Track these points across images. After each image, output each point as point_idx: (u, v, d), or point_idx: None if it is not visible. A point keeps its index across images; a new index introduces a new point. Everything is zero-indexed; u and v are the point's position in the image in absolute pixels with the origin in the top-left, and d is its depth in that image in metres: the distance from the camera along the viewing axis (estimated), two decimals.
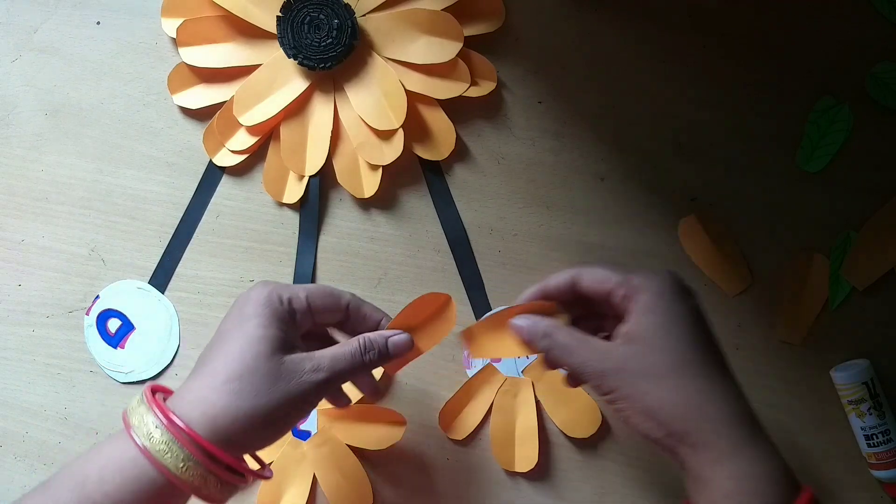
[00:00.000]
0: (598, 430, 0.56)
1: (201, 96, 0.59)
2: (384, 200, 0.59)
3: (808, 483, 0.42)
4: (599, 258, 0.58)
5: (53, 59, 0.61)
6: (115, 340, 0.59)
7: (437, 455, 0.57)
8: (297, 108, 0.58)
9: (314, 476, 0.57)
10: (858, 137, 0.57)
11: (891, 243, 0.56)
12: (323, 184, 0.59)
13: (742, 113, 0.58)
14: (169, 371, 0.59)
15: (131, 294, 0.60)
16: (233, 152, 0.59)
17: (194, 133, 0.60)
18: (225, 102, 0.58)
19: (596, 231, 0.58)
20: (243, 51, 0.58)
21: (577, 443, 0.57)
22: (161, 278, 0.59)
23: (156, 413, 0.40)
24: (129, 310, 0.59)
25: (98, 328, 0.59)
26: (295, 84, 0.58)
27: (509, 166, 0.59)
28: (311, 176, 0.58)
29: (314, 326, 0.47)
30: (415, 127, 0.58)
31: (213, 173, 0.60)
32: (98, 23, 0.61)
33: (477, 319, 0.58)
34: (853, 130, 0.57)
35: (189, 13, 0.58)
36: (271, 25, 0.57)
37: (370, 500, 0.56)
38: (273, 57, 0.58)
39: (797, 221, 0.58)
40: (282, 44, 0.56)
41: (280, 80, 0.57)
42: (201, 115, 0.60)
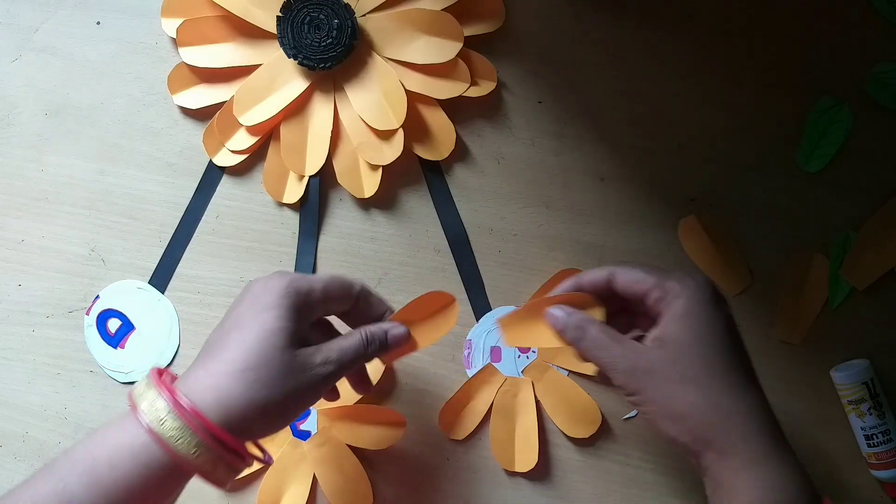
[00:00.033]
0: (598, 430, 0.56)
1: (201, 96, 0.59)
2: (384, 200, 0.59)
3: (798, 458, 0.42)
4: (599, 258, 0.58)
5: (54, 60, 0.61)
6: (116, 340, 0.59)
7: (437, 455, 0.57)
8: (297, 108, 0.58)
9: (314, 476, 0.57)
10: (858, 137, 0.57)
11: (890, 243, 0.56)
12: (323, 184, 0.59)
13: (742, 113, 0.58)
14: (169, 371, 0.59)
15: (131, 294, 0.60)
16: (233, 152, 0.59)
17: (194, 133, 0.60)
18: (225, 102, 0.58)
19: (596, 231, 0.58)
20: (243, 51, 0.58)
21: (577, 443, 0.57)
22: (161, 278, 0.59)
23: (167, 399, 0.40)
24: (130, 310, 0.59)
25: (98, 328, 0.59)
26: (295, 84, 0.58)
27: (509, 166, 0.59)
28: (311, 176, 0.58)
29: (323, 314, 0.48)
30: (415, 127, 0.58)
31: (214, 173, 0.60)
32: (98, 23, 0.61)
33: (477, 319, 0.58)
34: (853, 130, 0.57)
35: (189, 13, 0.58)
36: (271, 25, 0.57)
37: (370, 500, 0.56)
38: (273, 57, 0.58)
39: (797, 221, 0.58)
40: (282, 44, 0.56)
41: (280, 80, 0.58)
42: (201, 115, 0.60)
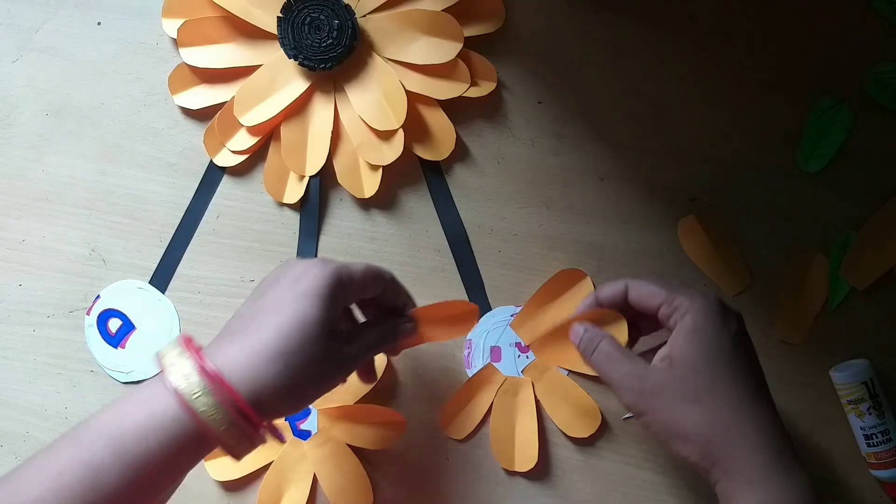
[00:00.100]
0: (598, 430, 0.56)
1: (202, 97, 0.59)
2: (384, 200, 0.59)
3: (810, 474, 0.42)
4: (599, 258, 0.58)
5: (54, 60, 0.61)
6: (116, 340, 0.59)
7: (438, 455, 0.57)
8: (298, 109, 0.58)
9: (314, 476, 0.57)
10: (858, 137, 0.57)
11: (890, 243, 0.56)
12: (323, 184, 0.59)
13: (742, 113, 0.58)
14: None
15: (132, 294, 0.60)
16: (233, 152, 0.59)
17: (195, 133, 0.60)
18: (225, 103, 0.58)
19: (596, 231, 0.58)
20: (244, 51, 0.58)
21: (577, 442, 0.57)
22: (162, 278, 0.60)
23: (201, 373, 0.40)
24: (130, 310, 0.59)
25: (99, 328, 0.59)
26: (295, 84, 0.58)
27: (509, 166, 0.59)
28: (312, 176, 0.58)
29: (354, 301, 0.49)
30: (415, 127, 0.58)
31: (214, 173, 0.60)
32: (99, 23, 0.61)
33: (477, 320, 0.58)
34: (853, 130, 0.57)
35: (190, 14, 0.58)
36: (272, 26, 0.57)
37: (370, 500, 0.56)
38: (273, 57, 0.58)
39: (797, 221, 0.58)
40: (282, 44, 0.56)
41: (280, 81, 0.58)
42: (202, 116, 0.60)
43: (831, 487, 0.56)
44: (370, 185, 0.58)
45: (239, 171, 0.60)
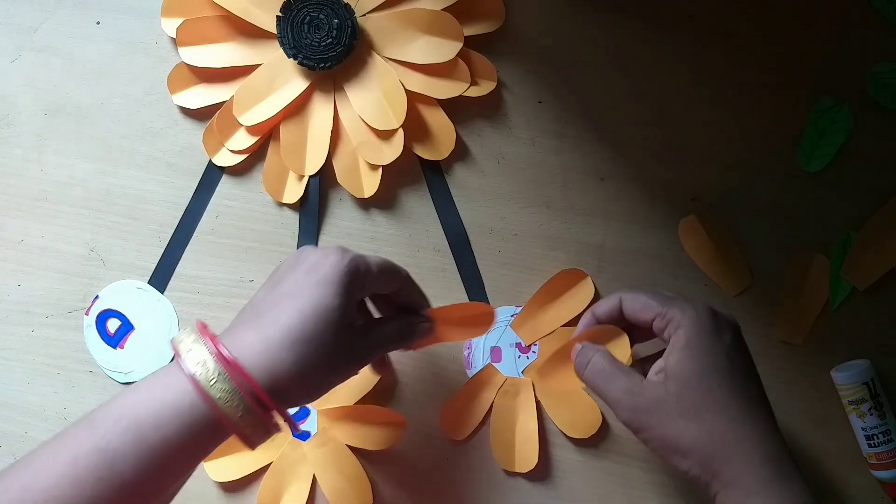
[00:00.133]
0: (599, 431, 0.56)
1: (201, 96, 0.59)
2: (384, 200, 0.59)
3: (808, 482, 0.42)
4: (599, 258, 0.58)
5: (53, 59, 0.61)
6: (115, 340, 0.59)
7: (437, 455, 0.57)
8: (297, 108, 0.58)
9: (314, 477, 0.56)
10: (858, 137, 0.57)
11: (891, 243, 0.56)
12: (323, 184, 0.59)
13: (742, 113, 0.58)
14: None
15: (131, 294, 0.59)
16: (232, 152, 0.59)
17: (194, 133, 0.60)
18: (225, 102, 0.58)
19: (596, 231, 0.58)
20: (243, 51, 0.58)
21: (578, 443, 0.57)
22: (160, 278, 0.59)
23: (218, 360, 0.39)
24: (129, 310, 0.59)
25: (97, 328, 0.59)
26: (295, 84, 0.58)
27: (509, 166, 0.59)
28: (311, 176, 0.58)
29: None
30: (415, 127, 0.58)
31: (213, 173, 0.60)
32: (98, 23, 0.61)
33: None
34: (853, 130, 0.57)
35: (189, 13, 0.58)
36: (271, 25, 0.57)
37: (370, 501, 0.56)
38: (273, 57, 0.58)
39: (797, 221, 0.58)
40: (282, 44, 0.56)
41: (280, 80, 0.57)
42: (201, 115, 0.60)
43: (832, 488, 0.56)
44: (370, 185, 0.58)
45: (238, 171, 0.60)
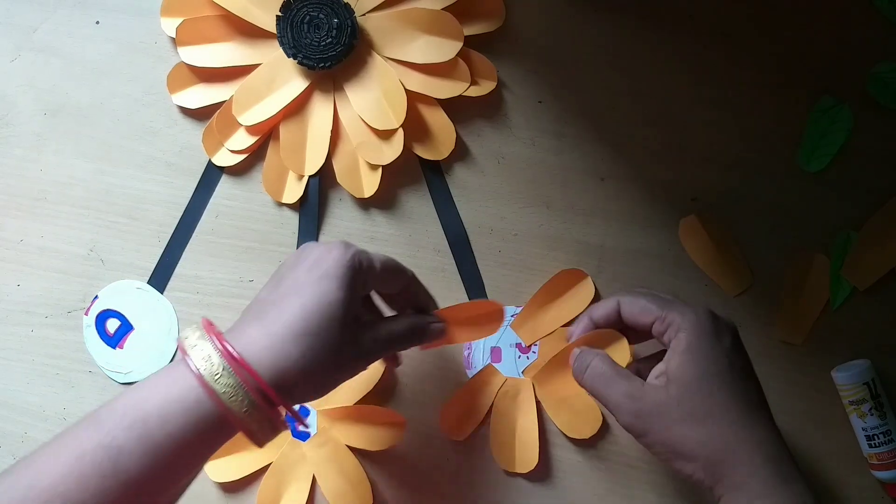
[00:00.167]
0: (599, 431, 0.56)
1: (200, 96, 0.59)
2: (384, 200, 0.59)
3: (809, 483, 0.42)
4: (599, 258, 0.58)
5: (53, 59, 0.61)
6: (114, 341, 0.59)
7: (437, 456, 0.57)
8: (297, 108, 0.58)
9: (314, 477, 0.56)
10: (859, 137, 0.57)
11: (891, 243, 0.56)
12: (322, 184, 0.59)
13: (742, 113, 0.58)
14: None
15: (130, 294, 0.59)
16: (232, 152, 0.59)
17: (193, 133, 0.60)
18: (224, 102, 0.58)
19: (596, 231, 0.58)
20: (243, 50, 0.58)
21: (578, 443, 0.57)
22: (160, 278, 0.59)
23: (223, 355, 0.39)
24: (128, 310, 0.59)
25: (97, 328, 0.59)
26: (294, 84, 0.57)
27: (509, 166, 0.59)
28: (311, 176, 0.58)
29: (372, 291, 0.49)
30: (415, 127, 0.58)
31: (213, 173, 0.60)
32: (97, 22, 0.61)
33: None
34: (854, 130, 0.57)
35: (188, 13, 0.58)
36: (271, 25, 0.57)
37: (370, 501, 0.56)
38: (273, 56, 0.58)
39: (798, 221, 0.57)
40: (281, 43, 0.56)
41: (279, 80, 0.57)
42: (200, 115, 0.60)
43: (832, 488, 0.56)
44: (370, 185, 0.58)
45: (238, 171, 0.60)
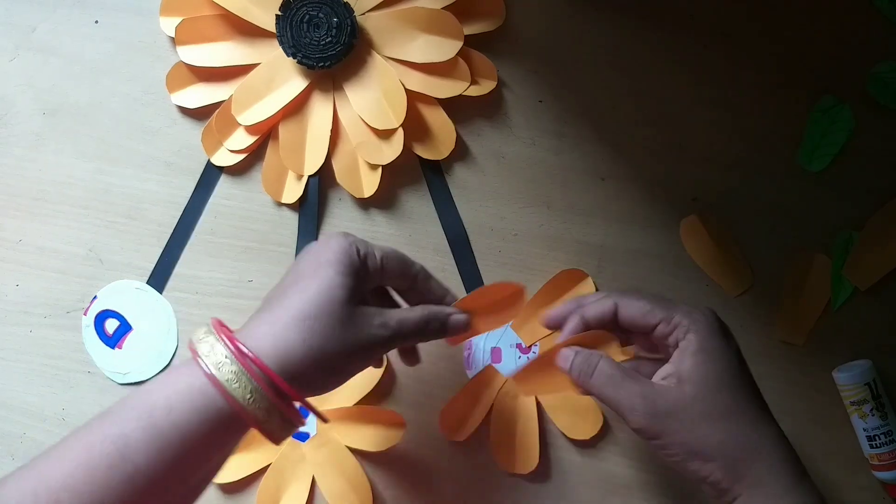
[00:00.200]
0: (599, 432, 0.56)
1: (200, 95, 0.59)
2: (384, 200, 0.59)
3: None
4: (600, 258, 0.58)
5: (52, 59, 0.61)
6: (113, 341, 0.59)
7: (437, 457, 0.57)
8: (296, 108, 0.58)
9: (313, 478, 0.56)
10: (860, 137, 0.57)
11: (892, 243, 0.56)
12: (322, 183, 0.59)
13: (743, 112, 0.58)
14: None
15: (129, 294, 0.59)
16: (231, 152, 0.59)
17: (193, 132, 0.60)
18: (223, 102, 0.58)
19: (596, 231, 0.58)
20: (242, 50, 0.58)
21: (578, 444, 0.57)
22: (159, 278, 0.59)
23: (226, 343, 0.39)
24: (127, 310, 0.59)
25: (96, 328, 0.59)
26: (294, 83, 0.57)
27: (509, 166, 0.59)
28: (311, 175, 0.58)
29: (381, 287, 0.48)
30: (414, 126, 0.57)
31: (212, 173, 0.60)
32: (96, 22, 0.61)
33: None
34: (854, 130, 0.57)
35: (188, 12, 0.58)
36: (270, 24, 0.57)
37: (369, 501, 0.56)
38: (272, 56, 0.57)
39: (799, 221, 0.57)
40: (281, 42, 0.56)
41: (279, 79, 0.57)
42: (200, 115, 0.60)
43: (834, 489, 0.56)
44: (369, 185, 0.58)
45: (237, 171, 0.60)
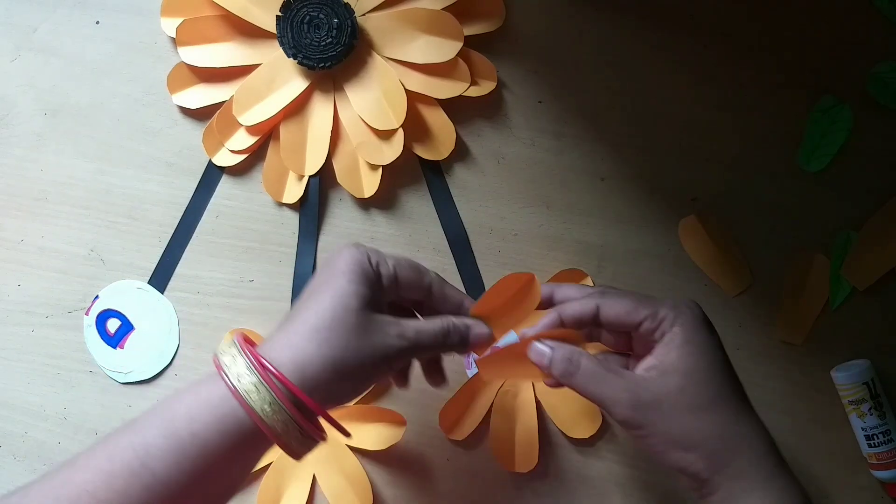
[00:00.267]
0: (598, 431, 0.56)
1: (201, 96, 0.59)
2: (384, 200, 0.59)
3: (808, 483, 0.42)
4: (599, 258, 0.58)
5: (53, 59, 0.61)
6: (115, 341, 0.59)
7: (437, 456, 0.57)
8: (297, 108, 0.58)
9: (314, 476, 0.56)
10: (859, 137, 0.57)
11: (891, 243, 0.56)
12: (323, 184, 0.59)
13: (743, 112, 0.58)
14: (169, 371, 0.59)
15: (131, 294, 0.59)
16: (232, 152, 0.59)
17: (194, 133, 0.60)
18: (224, 102, 0.58)
19: (596, 231, 0.58)
20: (243, 50, 0.58)
21: (577, 443, 0.57)
22: (160, 278, 0.59)
23: (246, 354, 0.40)
24: (129, 310, 0.59)
25: (97, 328, 0.59)
26: (294, 84, 0.57)
27: (509, 166, 0.59)
28: (311, 176, 0.58)
29: (397, 299, 0.47)
30: (415, 127, 0.58)
31: (213, 173, 0.60)
32: (97, 22, 0.61)
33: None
34: (854, 130, 0.57)
35: (188, 13, 0.58)
36: (271, 25, 0.57)
37: (370, 501, 0.56)
38: (273, 56, 0.58)
39: (798, 221, 0.57)
40: (281, 43, 0.56)
41: (280, 80, 0.57)
42: (201, 115, 0.60)
43: (832, 488, 0.56)
44: (370, 185, 0.58)
45: (238, 171, 0.60)
